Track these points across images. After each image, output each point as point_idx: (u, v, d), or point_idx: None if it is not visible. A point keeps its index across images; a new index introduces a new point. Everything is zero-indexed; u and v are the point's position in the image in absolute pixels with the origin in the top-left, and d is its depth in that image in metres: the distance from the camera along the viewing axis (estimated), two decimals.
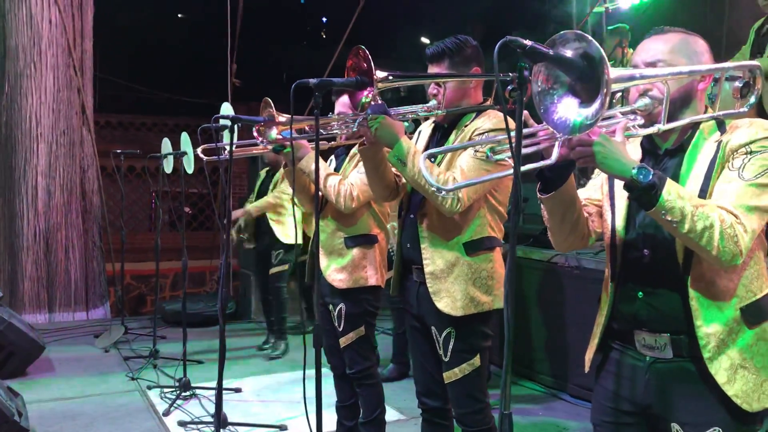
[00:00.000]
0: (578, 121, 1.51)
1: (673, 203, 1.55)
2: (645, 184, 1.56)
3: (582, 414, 4.09)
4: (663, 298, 1.73)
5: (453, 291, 2.44)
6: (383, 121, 2.33)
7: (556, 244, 1.94)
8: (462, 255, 2.45)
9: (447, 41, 2.47)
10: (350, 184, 3.03)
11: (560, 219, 1.84)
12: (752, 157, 1.64)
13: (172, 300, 7.16)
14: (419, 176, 2.31)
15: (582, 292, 4.34)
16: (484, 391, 2.53)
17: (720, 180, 1.67)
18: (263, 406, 4.41)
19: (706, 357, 1.65)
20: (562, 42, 1.52)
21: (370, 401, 3.18)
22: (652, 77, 1.68)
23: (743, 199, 1.61)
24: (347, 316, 3.11)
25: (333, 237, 3.15)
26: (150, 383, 4.76)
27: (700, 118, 1.75)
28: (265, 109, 3.03)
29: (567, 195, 1.79)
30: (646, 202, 1.58)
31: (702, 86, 1.77)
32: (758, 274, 1.72)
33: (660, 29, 1.81)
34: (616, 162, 1.59)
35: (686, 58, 1.74)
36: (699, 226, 1.55)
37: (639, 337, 1.78)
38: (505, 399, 1.46)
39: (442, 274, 2.46)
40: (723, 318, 1.66)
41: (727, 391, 1.64)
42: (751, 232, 1.60)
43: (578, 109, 1.52)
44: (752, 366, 1.66)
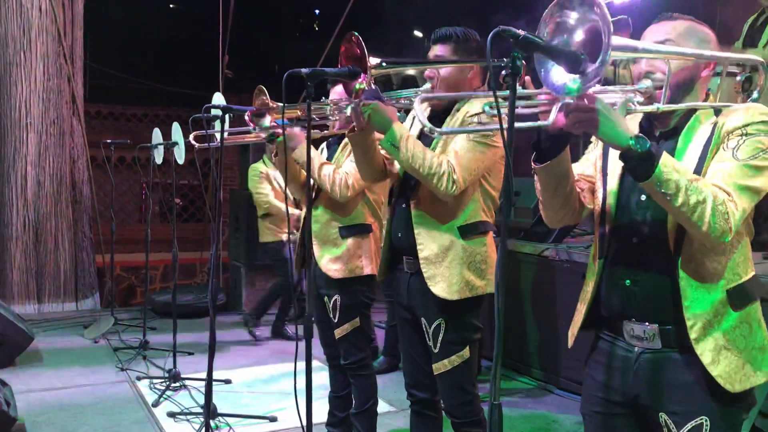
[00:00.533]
0: (577, 84, 1.48)
1: (669, 175, 1.55)
2: (642, 153, 1.55)
3: (572, 407, 4.11)
4: (651, 284, 1.73)
5: (449, 275, 2.44)
6: (376, 107, 2.33)
7: (548, 218, 1.93)
8: (457, 238, 2.45)
9: (457, 28, 2.51)
10: (345, 172, 3.02)
11: (552, 191, 1.82)
12: (747, 139, 1.65)
13: (162, 291, 7.13)
14: (413, 159, 2.31)
15: (572, 285, 4.33)
16: (473, 382, 2.54)
17: (714, 160, 1.67)
18: (253, 397, 4.40)
19: (693, 338, 1.67)
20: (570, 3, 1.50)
21: (363, 392, 3.18)
22: (655, 52, 1.68)
23: (736, 178, 1.62)
24: (342, 307, 3.11)
25: (327, 227, 3.14)
26: (140, 374, 4.74)
27: (700, 105, 1.75)
28: (258, 97, 3.01)
29: (561, 167, 1.77)
30: (641, 173, 1.57)
31: (705, 73, 1.78)
32: (744, 257, 1.74)
33: (669, 15, 1.81)
34: (614, 130, 1.57)
35: (694, 43, 1.75)
36: (692, 200, 1.55)
37: (627, 328, 1.78)
38: (495, 389, 1.46)
39: (437, 259, 2.46)
40: (710, 300, 1.68)
41: (712, 372, 1.66)
42: (742, 210, 1.61)
43: (577, 71, 1.50)
44: (735, 348, 1.68)
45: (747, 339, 1.70)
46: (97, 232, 7.40)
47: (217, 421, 3.80)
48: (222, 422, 3.84)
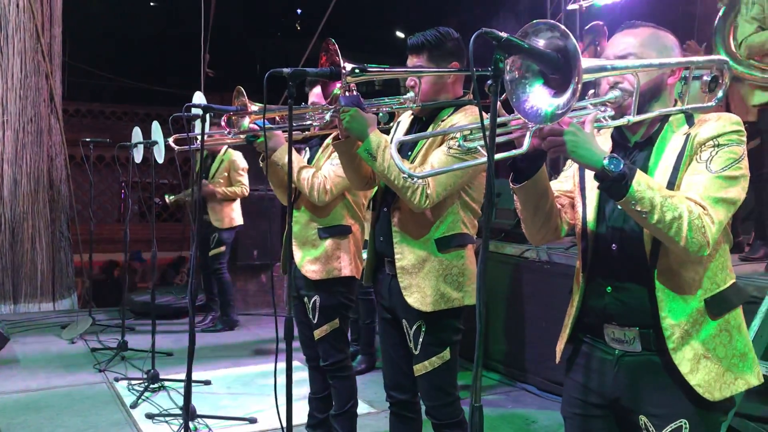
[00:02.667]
0: (549, 110, 1.52)
1: (643, 194, 1.57)
2: (615, 174, 1.57)
3: (550, 406, 4.13)
4: (630, 292, 1.75)
5: (423, 286, 2.43)
6: (354, 113, 2.31)
7: (530, 236, 1.95)
8: (433, 251, 2.44)
9: (428, 33, 2.45)
10: (323, 176, 3.01)
11: (533, 210, 1.84)
12: (720, 150, 1.66)
13: (141, 291, 7.07)
14: (389, 170, 2.30)
15: (552, 286, 4.37)
16: (454, 384, 2.54)
17: (688, 172, 1.69)
18: (233, 398, 4.37)
19: (671, 348, 1.68)
20: (535, 32, 1.52)
21: (342, 394, 3.17)
22: (623, 68, 1.70)
23: (711, 190, 1.63)
24: (321, 308, 3.10)
25: (306, 228, 3.13)
26: (118, 375, 4.69)
27: (669, 110, 1.77)
28: (237, 98, 2.99)
29: (539, 186, 1.79)
30: (616, 193, 1.60)
31: (671, 80, 1.80)
32: (722, 266, 1.75)
33: (631, 24, 1.83)
34: (587, 151, 1.60)
35: (656, 51, 1.77)
36: (668, 216, 1.57)
37: (608, 331, 1.80)
38: (476, 391, 1.46)
39: (413, 269, 2.45)
40: (688, 309, 1.69)
41: (690, 381, 1.67)
42: (718, 223, 1.62)
43: (550, 99, 1.54)
44: (714, 356, 1.69)
45: (727, 347, 1.71)
46: (75, 232, 7.32)
47: (197, 423, 3.76)
48: (201, 424, 3.81)
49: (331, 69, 2.29)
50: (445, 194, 2.38)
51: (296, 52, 8.02)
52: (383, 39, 9.45)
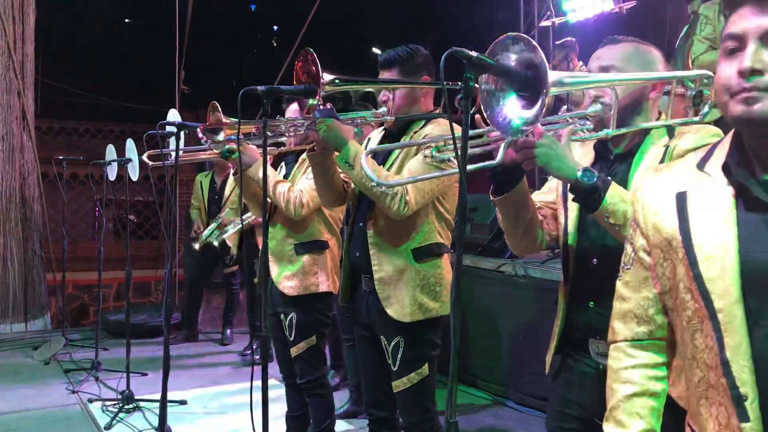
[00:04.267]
0: (519, 123, 1.54)
1: (616, 206, 1.59)
2: (588, 186, 1.60)
3: (528, 421, 4.13)
4: (611, 306, 1.76)
5: (401, 297, 2.44)
6: (331, 124, 2.33)
7: (512, 246, 1.96)
8: (410, 261, 2.46)
9: (398, 49, 2.50)
10: (299, 190, 3.01)
11: (513, 221, 1.86)
12: None
13: (115, 310, 6.97)
14: (366, 178, 2.31)
15: (529, 300, 4.40)
16: (432, 399, 2.54)
17: None
18: (209, 418, 4.32)
19: None
20: (503, 48, 1.54)
21: (320, 412, 3.15)
22: (594, 82, 1.73)
23: None
24: (298, 325, 3.08)
25: (283, 243, 3.12)
26: (91, 396, 4.61)
27: (652, 125, 1.79)
28: (212, 113, 2.98)
29: (519, 198, 1.81)
30: (589, 205, 1.62)
31: (653, 94, 1.82)
32: None
33: (614, 39, 1.86)
34: (561, 164, 1.62)
35: (638, 66, 1.79)
36: None
37: (593, 345, 1.81)
38: (451, 407, 1.46)
39: (391, 281, 2.46)
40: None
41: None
42: None
43: (521, 111, 1.55)
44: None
45: None
46: (49, 251, 7.21)
47: None
48: None
49: (306, 86, 2.31)
50: (424, 201, 2.40)
51: (272, 67, 8.02)
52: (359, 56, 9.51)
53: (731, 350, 1.13)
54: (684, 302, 1.22)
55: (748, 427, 1.12)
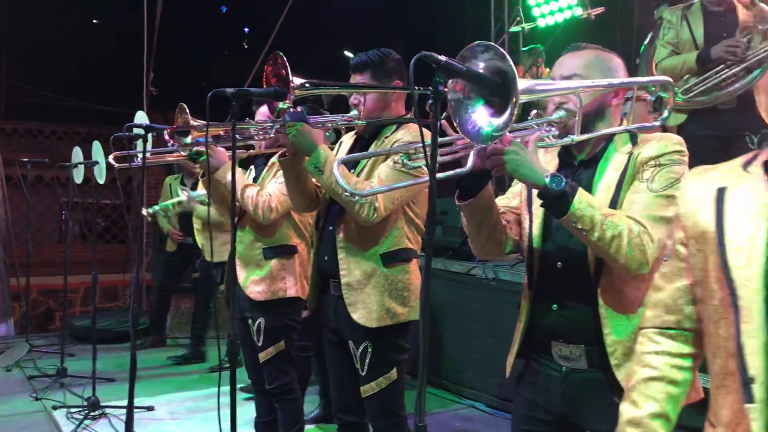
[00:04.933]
0: (488, 130, 1.56)
1: (584, 211, 1.61)
2: (557, 192, 1.61)
3: (499, 424, 4.15)
4: (575, 310, 1.78)
5: (369, 302, 2.43)
6: (301, 128, 2.31)
7: (476, 250, 1.98)
8: (379, 266, 2.45)
9: (370, 53, 2.50)
10: (268, 194, 2.98)
11: (478, 226, 1.87)
12: (661, 170, 1.71)
13: (82, 316, 6.86)
14: (336, 184, 2.30)
15: (498, 303, 4.42)
16: (401, 404, 2.53)
17: (630, 191, 1.73)
18: (177, 424, 4.26)
19: (614, 364, 1.71)
20: (472, 55, 1.56)
21: (289, 417, 3.13)
22: (562, 89, 1.75)
23: (651, 209, 1.68)
24: (266, 330, 3.05)
25: (251, 248, 3.09)
26: (56, 403, 4.52)
27: (614, 130, 1.81)
28: (180, 115, 2.95)
29: (484, 203, 1.82)
30: (557, 210, 1.64)
31: (615, 101, 1.84)
32: None
33: (577, 46, 1.88)
34: (529, 170, 1.64)
35: (601, 73, 1.81)
36: (608, 234, 1.61)
37: (556, 348, 1.82)
38: (420, 411, 1.46)
39: (359, 285, 2.45)
40: (630, 327, 1.72)
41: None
42: (658, 241, 1.66)
43: (490, 119, 1.57)
44: None
45: None
46: (12, 255, 7.06)
47: None
48: None
49: (276, 89, 2.29)
50: (393, 208, 2.40)
51: (243, 70, 7.96)
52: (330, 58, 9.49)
53: (746, 335, 1.17)
54: (712, 292, 1.26)
55: (753, 408, 1.16)
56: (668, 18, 3.91)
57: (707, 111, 3.68)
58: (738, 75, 3.59)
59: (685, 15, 3.83)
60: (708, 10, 3.78)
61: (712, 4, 3.77)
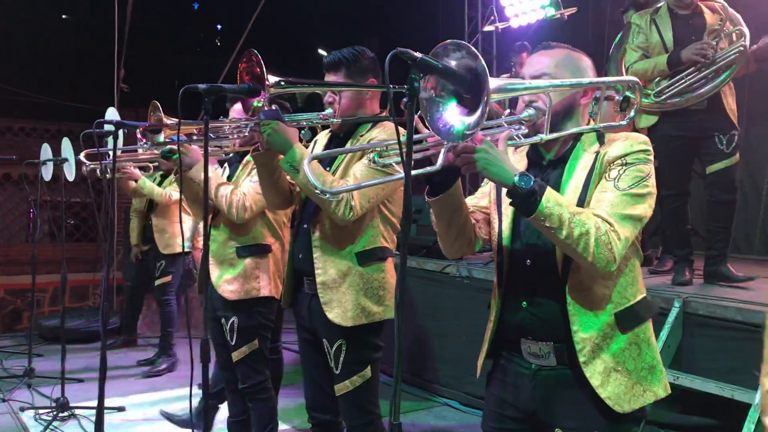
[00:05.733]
0: (460, 128, 1.57)
1: (552, 210, 1.62)
2: (525, 190, 1.62)
3: (472, 421, 4.17)
4: (544, 307, 1.79)
5: (344, 301, 2.42)
6: (276, 126, 2.29)
7: (445, 249, 1.98)
8: (354, 264, 2.44)
9: (344, 51, 2.49)
10: (242, 193, 2.96)
11: (447, 223, 1.87)
12: (627, 169, 1.73)
13: (51, 315, 6.74)
14: (310, 184, 2.28)
15: (472, 301, 4.44)
16: (375, 402, 2.53)
17: (597, 189, 1.75)
18: (148, 425, 4.21)
19: (582, 361, 1.72)
20: (445, 53, 1.56)
21: (262, 416, 3.11)
22: (533, 88, 1.76)
23: (618, 208, 1.69)
24: (239, 329, 3.03)
25: (224, 246, 3.07)
26: (23, 404, 4.45)
27: (582, 129, 1.83)
28: (153, 113, 2.91)
29: (454, 199, 1.83)
30: (525, 209, 1.65)
31: (584, 100, 1.86)
32: (633, 280, 1.80)
33: (547, 45, 1.90)
34: (499, 169, 1.64)
35: (570, 72, 1.83)
36: (576, 232, 1.62)
37: (525, 346, 1.83)
38: (395, 409, 1.46)
39: (334, 284, 2.44)
40: (598, 323, 1.74)
41: (601, 394, 1.71)
42: (624, 239, 1.68)
43: (462, 117, 1.58)
44: (624, 369, 1.74)
45: (636, 360, 1.76)
46: None
47: None
48: None
49: (249, 85, 2.28)
50: (369, 206, 2.39)
51: (216, 67, 7.89)
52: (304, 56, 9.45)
53: None
54: None
55: None
56: (637, 22, 3.96)
57: (678, 112, 3.73)
58: (708, 77, 3.64)
59: (653, 19, 3.88)
60: (675, 14, 3.84)
61: (679, 7, 3.82)
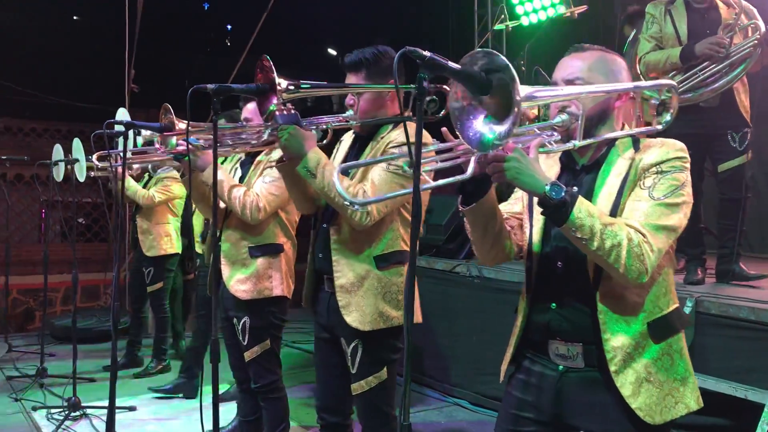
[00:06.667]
0: (491, 138, 1.53)
1: (583, 221, 1.59)
2: (556, 200, 1.59)
3: (483, 421, 4.16)
4: (574, 310, 1.76)
5: (362, 305, 2.40)
6: (293, 131, 2.29)
7: (480, 256, 1.94)
8: (372, 268, 2.42)
9: (366, 51, 2.44)
10: (255, 194, 2.96)
11: (482, 231, 1.84)
12: (662, 177, 1.69)
13: (63, 315, 6.78)
14: (329, 188, 2.27)
15: (483, 300, 4.42)
16: (391, 404, 2.51)
17: (631, 197, 1.71)
18: (159, 424, 4.23)
19: (613, 370, 1.69)
20: (472, 62, 1.53)
21: (275, 415, 3.11)
22: (564, 96, 1.71)
23: (652, 218, 1.66)
24: (251, 329, 3.03)
25: (237, 246, 3.06)
26: (36, 404, 4.47)
27: (616, 135, 1.79)
28: (165, 115, 2.92)
29: (487, 207, 1.80)
30: (557, 219, 1.62)
31: (618, 104, 1.82)
32: (666, 290, 1.77)
33: (579, 47, 1.85)
34: (530, 178, 1.61)
35: (603, 75, 1.79)
36: (607, 243, 1.59)
37: (553, 347, 1.80)
38: (405, 409, 1.45)
39: (353, 288, 2.42)
40: (630, 332, 1.70)
41: (631, 404, 1.68)
42: (657, 251, 1.64)
43: (492, 126, 1.54)
44: (656, 380, 1.70)
45: (668, 371, 1.73)
46: None
47: None
48: None
49: (258, 86, 2.27)
50: (387, 211, 2.38)
51: (226, 67, 7.91)
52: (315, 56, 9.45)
53: None
54: None
55: None
56: (651, 12, 3.92)
57: (689, 109, 3.70)
58: (722, 72, 3.60)
59: (668, 10, 3.84)
60: (691, 6, 3.80)
61: (695, 0, 3.79)
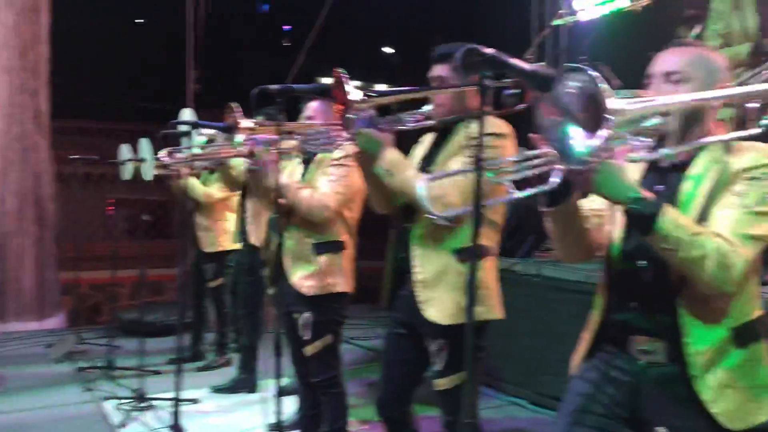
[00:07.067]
0: (581, 152, 1.50)
1: (669, 232, 1.56)
2: (643, 212, 1.57)
3: (544, 421, 4.11)
4: (655, 310, 1.73)
5: (444, 299, 2.41)
6: (368, 135, 2.33)
7: (561, 255, 1.94)
8: (453, 261, 2.42)
9: (455, 46, 2.45)
10: (322, 194, 3.00)
11: (562, 231, 1.83)
12: (754, 184, 1.64)
13: (129, 309, 7.00)
14: (406, 185, 2.30)
15: (542, 299, 4.37)
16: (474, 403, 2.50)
17: (720, 204, 1.66)
18: (222, 416, 4.32)
19: (693, 374, 1.66)
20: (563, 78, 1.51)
21: (334, 410, 3.14)
22: (659, 105, 1.65)
23: (741, 227, 1.61)
24: (314, 324, 3.07)
25: (301, 243, 3.10)
26: (105, 394, 4.63)
27: (709, 141, 1.72)
28: (229, 114, 2.98)
29: (570, 209, 1.78)
30: (642, 229, 1.59)
31: (715, 103, 1.76)
32: (750, 297, 1.72)
33: (679, 42, 1.82)
34: (615, 189, 1.59)
35: (704, 73, 1.74)
36: (694, 254, 1.56)
37: (634, 342, 1.77)
38: (469, 407, 1.45)
39: (433, 283, 2.43)
40: (712, 337, 1.67)
41: (712, 409, 1.64)
42: (745, 261, 1.60)
43: (585, 140, 1.49)
44: (738, 386, 1.67)
45: (751, 377, 1.69)
46: (63, 250, 7.24)
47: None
48: None
49: (320, 85, 2.31)
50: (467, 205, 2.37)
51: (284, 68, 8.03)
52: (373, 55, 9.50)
53: None
54: None
55: None
56: (716, 7, 3.74)
57: None
58: None
59: (736, 4, 3.68)
60: None
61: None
